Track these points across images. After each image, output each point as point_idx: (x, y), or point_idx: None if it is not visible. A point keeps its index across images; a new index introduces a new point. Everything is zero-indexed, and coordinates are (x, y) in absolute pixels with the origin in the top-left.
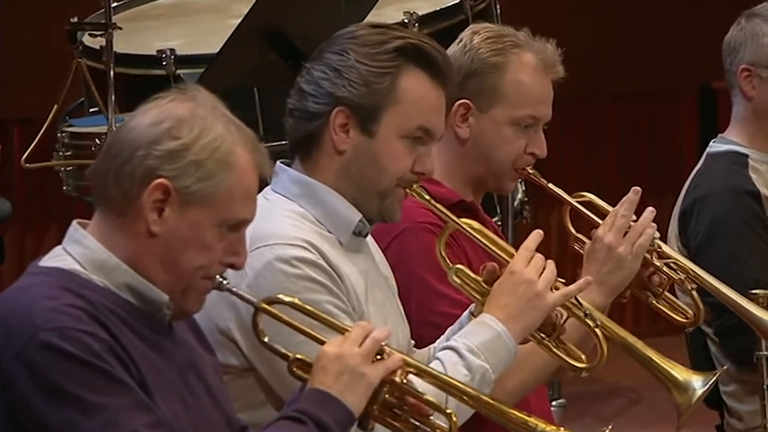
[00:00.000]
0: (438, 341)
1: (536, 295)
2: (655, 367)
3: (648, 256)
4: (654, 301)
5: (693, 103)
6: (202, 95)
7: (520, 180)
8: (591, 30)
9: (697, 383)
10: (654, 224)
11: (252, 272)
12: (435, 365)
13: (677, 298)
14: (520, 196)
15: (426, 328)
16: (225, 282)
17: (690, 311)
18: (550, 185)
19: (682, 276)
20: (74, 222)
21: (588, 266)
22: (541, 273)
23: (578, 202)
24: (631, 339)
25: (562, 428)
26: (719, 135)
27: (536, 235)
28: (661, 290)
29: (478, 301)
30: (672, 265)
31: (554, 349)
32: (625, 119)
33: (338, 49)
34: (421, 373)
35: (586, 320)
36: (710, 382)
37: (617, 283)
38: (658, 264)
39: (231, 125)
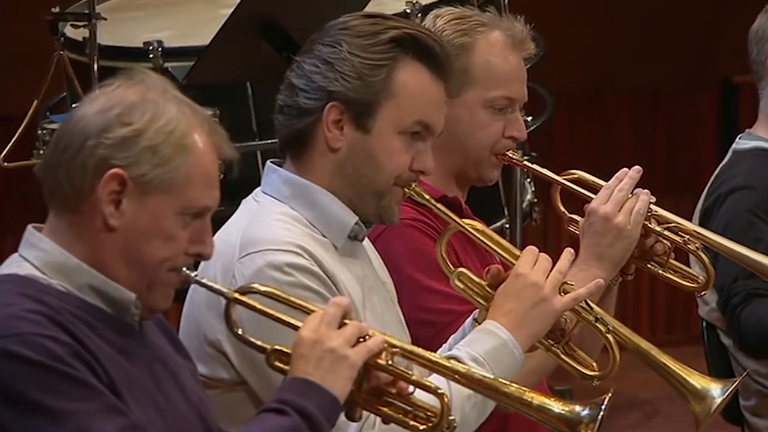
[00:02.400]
0: (440, 350)
1: (543, 300)
2: (671, 374)
3: (646, 222)
4: (661, 271)
5: (713, 98)
6: (151, 78)
7: (529, 180)
8: (603, 23)
9: (716, 391)
10: (647, 190)
11: (242, 280)
12: (437, 376)
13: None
14: (529, 197)
15: (420, 326)
16: (193, 274)
17: (701, 276)
18: (534, 166)
19: (686, 237)
20: (29, 226)
21: (585, 241)
22: (548, 275)
23: (567, 180)
24: (645, 345)
25: (553, 399)
26: (746, 131)
27: (566, 254)
28: (666, 258)
29: (481, 306)
30: (673, 228)
31: (563, 357)
32: (640, 117)
33: (330, 41)
34: (407, 354)
35: (597, 325)
36: (730, 390)
37: (619, 256)
38: (658, 230)
39: (185, 107)
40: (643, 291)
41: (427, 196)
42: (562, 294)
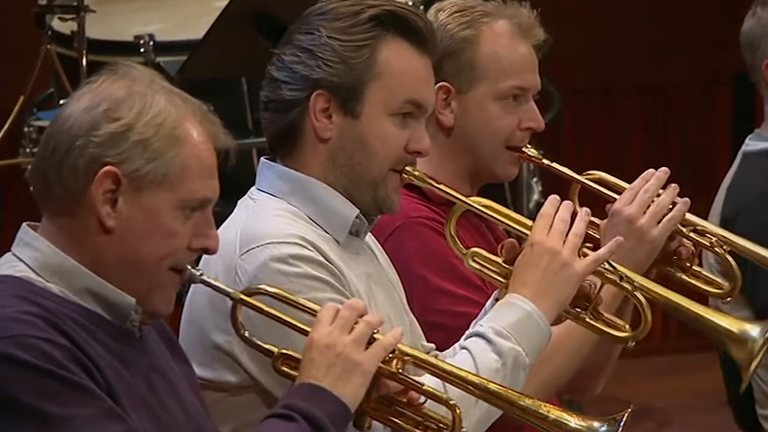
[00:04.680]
0: (463, 337)
1: (563, 265)
2: (705, 323)
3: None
4: (683, 276)
5: (728, 94)
6: (137, 71)
7: (535, 179)
8: (615, 16)
9: (755, 332)
10: (687, 199)
11: (246, 277)
12: (462, 356)
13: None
14: (536, 197)
15: (431, 330)
16: (198, 272)
17: (725, 282)
18: (554, 164)
19: (713, 240)
20: (23, 224)
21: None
22: (565, 239)
23: (588, 180)
24: (676, 297)
25: (573, 414)
26: (755, 131)
27: (552, 200)
28: (689, 263)
29: (501, 284)
30: (699, 231)
31: (592, 322)
32: (652, 113)
33: (308, 29)
34: (418, 361)
35: (623, 284)
36: None
37: (641, 260)
38: (684, 231)
39: (174, 97)
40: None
41: (428, 180)
42: (582, 257)
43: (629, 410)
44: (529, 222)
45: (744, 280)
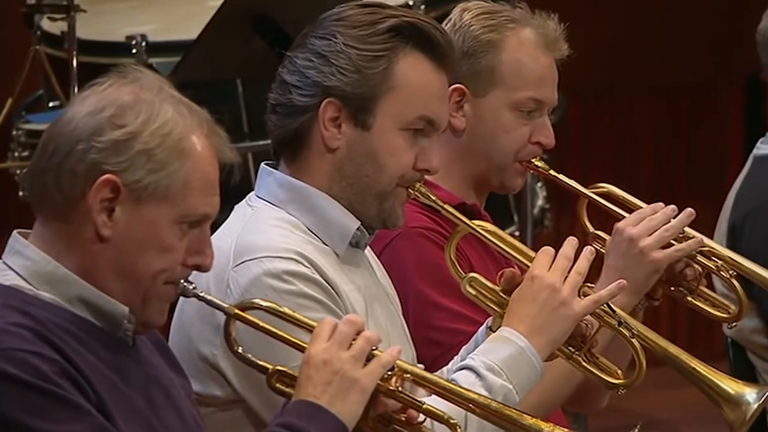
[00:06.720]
0: (452, 362)
1: (562, 303)
2: (701, 379)
3: (674, 242)
4: (690, 298)
5: (738, 96)
6: (146, 77)
7: (540, 184)
8: (622, 15)
9: (751, 396)
10: (700, 238)
11: (238, 289)
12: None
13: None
14: (540, 202)
15: (425, 346)
16: (191, 286)
17: (732, 306)
18: (561, 176)
19: (719, 263)
20: (14, 232)
21: (608, 261)
22: (566, 276)
23: (596, 194)
24: (673, 349)
25: None
26: (767, 134)
27: (570, 243)
28: (696, 284)
29: (496, 313)
30: (706, 252)
31: (586, 365)
32: (660, 115)
33: (324, 33)
34: (419, 379)
35: (621, 329)
36: (766, 395)
37: (640, 281)
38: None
39: (182, 107)
40: (663, 305)
41: (433, 197)
42: (582, 297)
43: (638, 426)
44: (531, 253)
45: (753, 288)
